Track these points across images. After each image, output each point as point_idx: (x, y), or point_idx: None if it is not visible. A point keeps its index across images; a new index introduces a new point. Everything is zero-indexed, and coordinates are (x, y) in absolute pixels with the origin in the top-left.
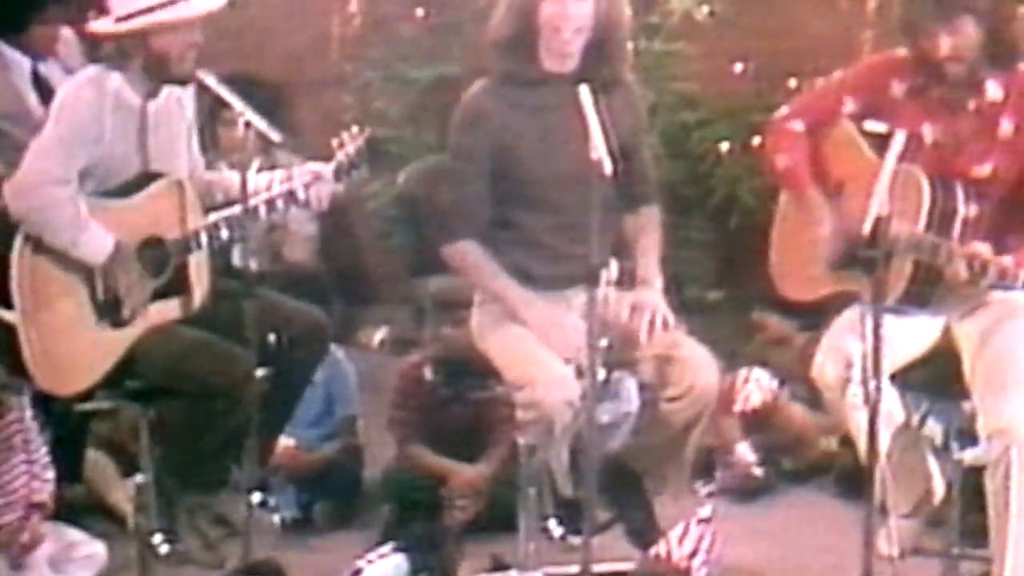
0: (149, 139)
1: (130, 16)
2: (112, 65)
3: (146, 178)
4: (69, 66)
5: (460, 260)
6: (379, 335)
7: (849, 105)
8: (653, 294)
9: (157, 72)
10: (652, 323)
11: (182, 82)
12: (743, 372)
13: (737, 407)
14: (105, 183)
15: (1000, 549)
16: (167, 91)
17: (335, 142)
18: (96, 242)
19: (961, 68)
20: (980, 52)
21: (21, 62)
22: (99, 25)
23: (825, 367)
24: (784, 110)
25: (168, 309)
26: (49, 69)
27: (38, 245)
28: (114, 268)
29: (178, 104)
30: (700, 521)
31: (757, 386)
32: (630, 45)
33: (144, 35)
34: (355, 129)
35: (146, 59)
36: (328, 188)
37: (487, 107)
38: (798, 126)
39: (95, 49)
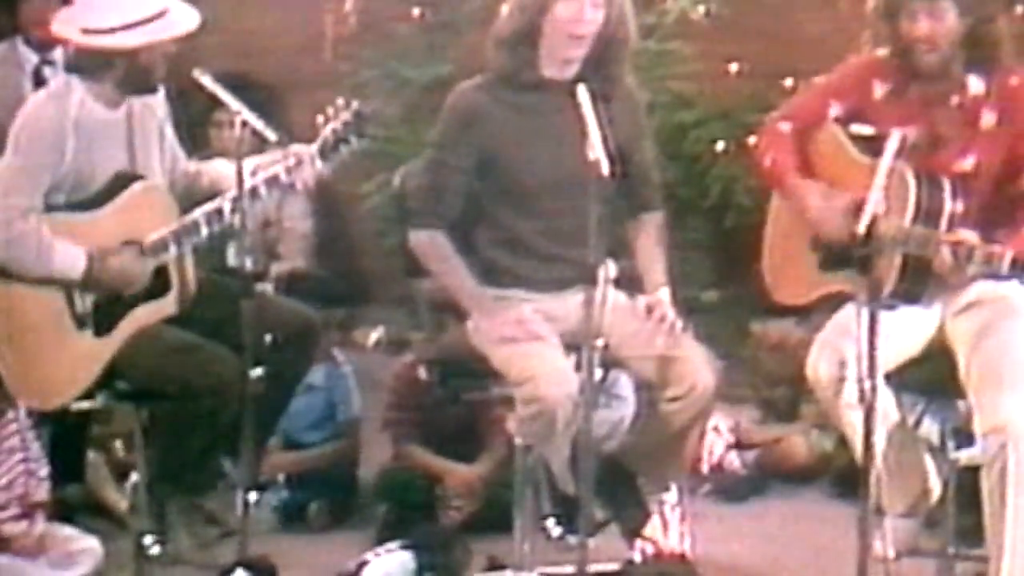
0: (114, 146)
1: (109, 31)
2: (85, 76)
3: (118, 185)
4: None
5: (423, 249)
6: (375, 335)
7: (834, 109)
8: (661, 300)
9: (136, 83)
10: (661, 324)
11: (154, 91)
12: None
13: (704, 467)
14: (74, 193)
15: (996, 546)
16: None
17: (320, 118)
18: (68, 259)
19: (934, 58)
20: (959, 48)
21: (29, 58)
22: (63, 30)
23: (819, 365)
24: (775, 114)
25: (154, 311)
26: (55, 73)
27: (9, 277)
28: (96, 275)
29: (147, 107)
30: (670, 505)
31: (715, 434)
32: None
33: (133, 50)
34: (340, 101)
35: (128, 71)
36: (313, 169)
37: (480, 106)
38: (785, 128)
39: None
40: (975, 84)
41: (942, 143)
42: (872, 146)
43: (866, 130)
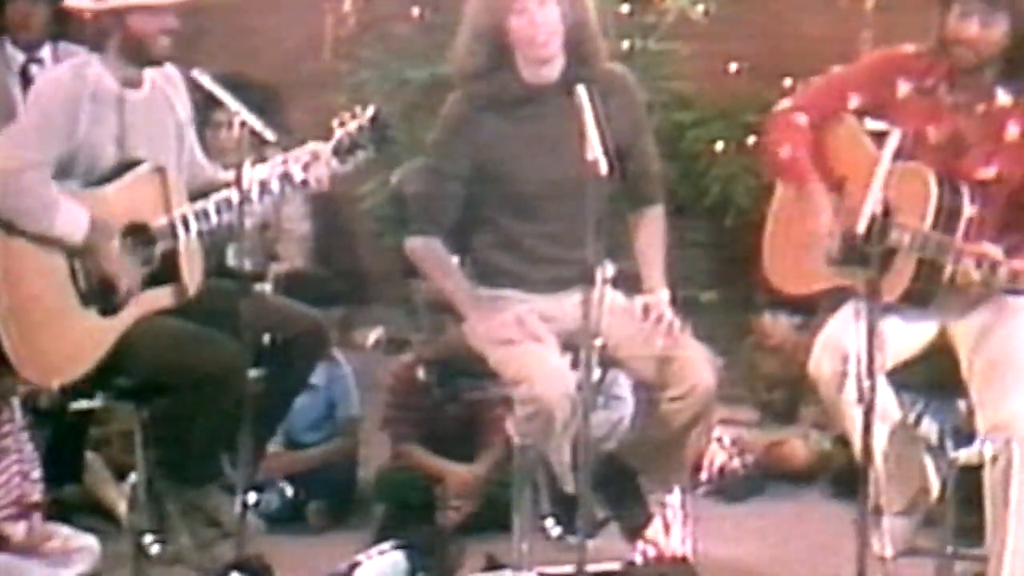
0: (128, 129)
1: None
2: (91, 46)
3: (125, 166)
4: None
5: (420, 255)
6: (373, 335)
7: (854, 101)
8: (659, 299)
9: (133, 54)
10: (659, 324)
11: (157, 64)
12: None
13: (704, 475)
14: (87, 174)
15: (998, 543)
16: (150, 83)
17: (335, 121)
18: (72, 220)
19: (971, 58)
20: (997, 59)
21: (15, 56)
22: (76, 1)
23: (822, 362)
24: (787, 103)
25: (159, 297)
26: (42, 71)
27: (12, 232)
28: (95, 253)
29: (165, 99)
30: (672, 507)
31: (719, 446)
32: (625, 44)
33: (121, 15)
34: (359, 109)
35: (122, 41)
36: (326, 168)
37: (471, 115)
38: (801, 119)
39: (77, 29)
40: (1003, 96)
41: (964, 148)
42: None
43: (880, 126)
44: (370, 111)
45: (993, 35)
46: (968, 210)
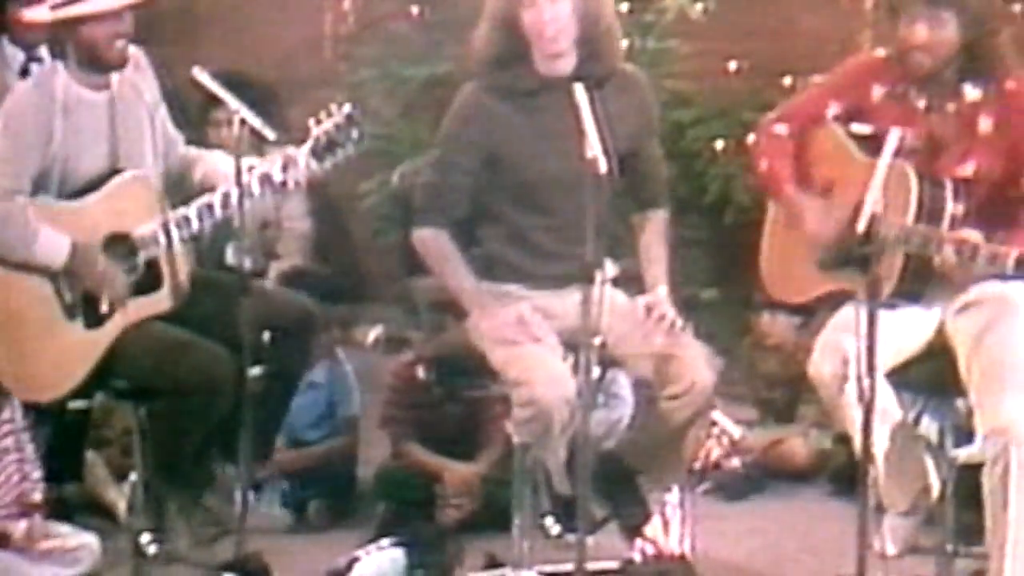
0: (103, 131)
1: (64, 4)
2: (52, 55)
3: (104, 176)
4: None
5: (426, 246)
6: (373, 333)
7: (833, 108)
8: (660, 298)
9: (91, 62)
10: (660, 323)
11: (115, 68)
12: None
13: (698, 464)
14: (63, 184)
15: (997, 547)
16: (118, 79)
17: (312, 120)
18: (52, 247)
19: (928, 62)
20: (956, 57)
21: (15, 55)
22: (34, 13)
23: (822, 365)
24: (772, 115)
25: (146, 305)
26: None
27: None
28: (78, 268)
29: (132, 88)
30: (671, 506)
31: (717, 442)
32: (625, 42)
33: (75, 24)
34: (333, 107)
35: (76, 49)
36: (306, 169)
37: (483, 105)
38: (782, 130)
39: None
40: (971, 91)
41: (942, 147)
42: (872, 145)
43: (865, 129)
44: (346, 108)
45: (944, 36)
46: (951, 206)
